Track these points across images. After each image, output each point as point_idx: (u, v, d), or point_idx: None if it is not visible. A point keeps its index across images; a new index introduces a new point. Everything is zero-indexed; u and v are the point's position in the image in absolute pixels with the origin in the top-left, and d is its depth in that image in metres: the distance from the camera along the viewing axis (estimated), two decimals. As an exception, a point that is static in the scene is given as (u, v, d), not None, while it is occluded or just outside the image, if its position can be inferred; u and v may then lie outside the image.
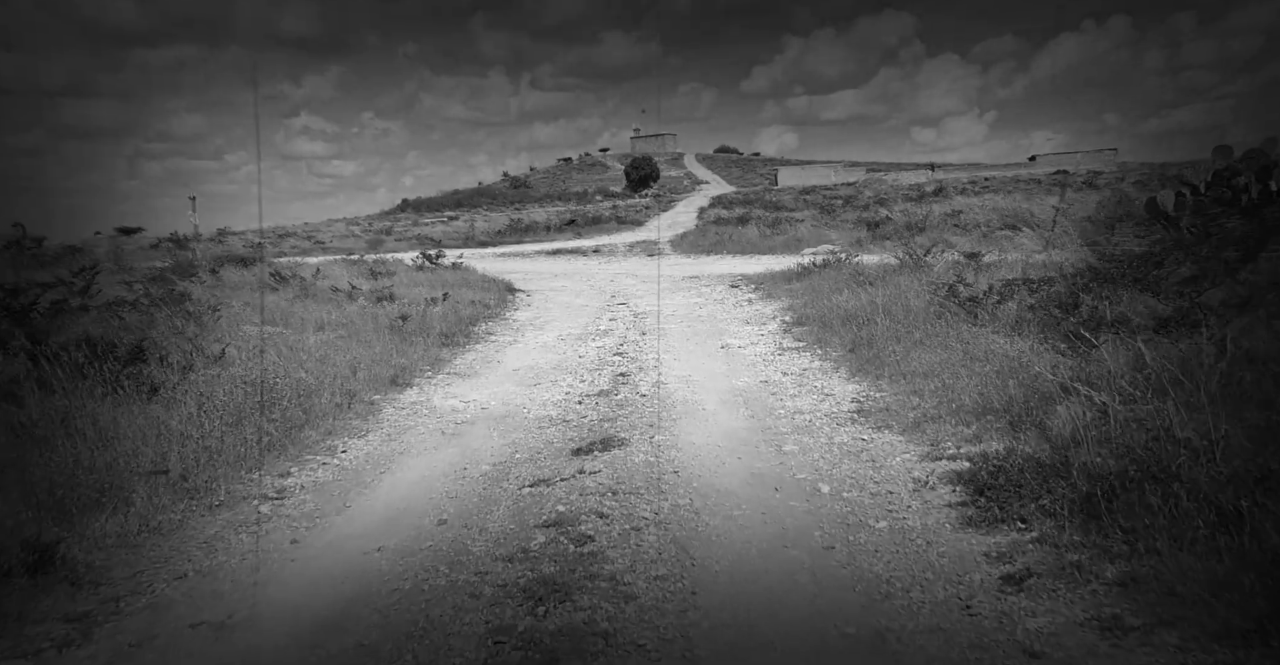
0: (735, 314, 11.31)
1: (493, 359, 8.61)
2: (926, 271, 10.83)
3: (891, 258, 14.47)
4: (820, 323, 9.22)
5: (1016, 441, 4.07)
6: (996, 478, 3.56)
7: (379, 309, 11.68)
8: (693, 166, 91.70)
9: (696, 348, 8.83)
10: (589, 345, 9.29)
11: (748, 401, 6.25)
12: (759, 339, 9.16)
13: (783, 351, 8.27)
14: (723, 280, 15.92)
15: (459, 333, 10.03)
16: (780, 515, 3.87)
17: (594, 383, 7.24)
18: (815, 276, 13.57)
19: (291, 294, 13.79)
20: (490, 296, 13.76)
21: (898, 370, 6.49)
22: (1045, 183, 49.72)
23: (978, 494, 3.57)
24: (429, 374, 7.78)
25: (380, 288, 13.53)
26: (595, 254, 24.83)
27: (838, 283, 11.68)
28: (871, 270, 12.13)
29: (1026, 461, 3.60)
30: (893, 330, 7.59)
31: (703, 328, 10.18)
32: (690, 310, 11.89)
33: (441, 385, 7.32)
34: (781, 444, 5.05)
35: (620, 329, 10.40)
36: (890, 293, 9.15)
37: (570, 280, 17.44)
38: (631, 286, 15.63)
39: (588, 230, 34.09)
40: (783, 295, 12.69)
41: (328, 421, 5.81)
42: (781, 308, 11.48)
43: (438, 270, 17.61)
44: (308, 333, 9.74)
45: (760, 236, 23.59)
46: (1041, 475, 3.40)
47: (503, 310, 12.56)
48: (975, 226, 18.72)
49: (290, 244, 30.48)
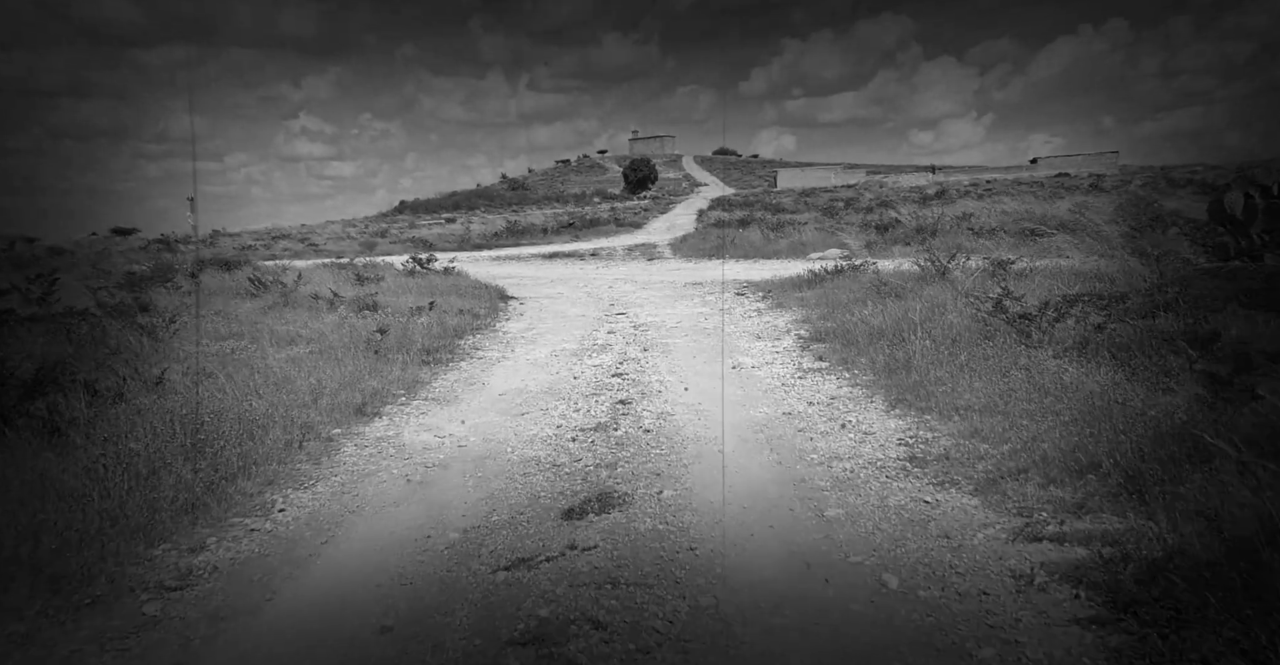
0: (744, 326, 10.28)
1: (477, 380, 7.57)
2: (954, 280, 9.82)
3: (910, 264, 13.45)
4: (843, 339, 8.19)
5: (1147, 520, 3.05)
6: (1147, 588, 2.53)
7: (359, 320, 10.65)
8: (691, 168, 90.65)
9: (705, 367, 7.80)
10: (585, 363, 8.26)
11: (771, 441, 5.22)
12: (774, 357, 8.13)
13: (804, 373, 7.24)
14: (727, 287, 14.90)
15: (443, 348, 8.99)
16: (838, 628, 2.84)
17: (590, 412, 6.20)
18: (828, 284, 12.55)
19: (269, 301, 12.76)
20: (481, 305, 12.71)
21: (948, 402, 5.46)
22: (1048, 185, 48.80)
23: (1119, 610, 2.54)
24: (403, 400, 6.73)
25: (364, 295, 12.49)
26: (593, 258, 23.81)
27: (857, 293, 10.65)
28: (893, 279, 11.11)
29: (1183, 561, 2.58)
30: (933, 352, 6.56)
31: (710, 343, 9.15)
32: (695, 322, 10.87)
33: (416, 414, 6.28)
34: (822, 506, 4.02)
35: (619, 343, 9.37)
36: (922, 306, 8.12)
37: (567, 286, 16.41)
38: (631, 294, 14.60)
39: (585, 233, 33.08)
40: (794, 305, 11.67)
41: (270, 467, 4.76)
42: (795, 320, 10.45)
43: (428, 275, 16.59)
44: (276, 348, 8.70)
45: (763, 240, 22.58)
46: (1219, 588, 2.37)
47: (493, 321, 11.52)
48: (992, 231, 17.71)
49: (282, 246, 29.41)
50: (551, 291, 15.51)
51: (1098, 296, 6.65)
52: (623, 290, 15.26)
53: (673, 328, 10.43)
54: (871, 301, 9.27)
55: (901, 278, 11.57)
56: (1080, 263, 10.84)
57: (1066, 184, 43.71)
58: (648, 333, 10.08)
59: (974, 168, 66.40)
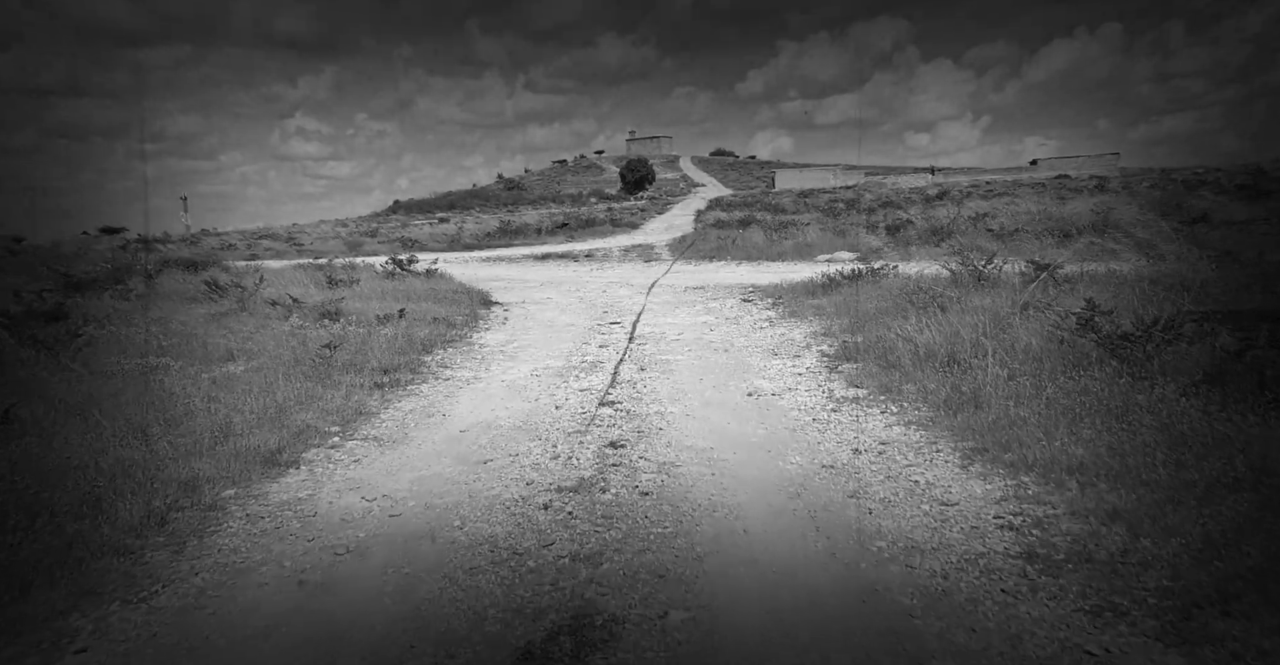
0: (756, 339, 8.81)
1: (437, 410, 6.09)
2: (1007, 288, 8.35)
3: (936, 268, 11.99)
4: (879, 359, 6.72)
5: None
6: None
7: (316, 330, 9.16)
8: (688, 169, 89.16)
9: (715, 394, 6.34)
10: (571, 386, 6.79)
11: (814, 514, 3.75)
12: (796, 381, 6.66)
13: (838, 404, 5.77)
14: (732, 292, 13.43)
15: (404, 366, 7.51)
16: None
17: (572, 460, 4.73)
18: (845, 290, 11.09)
19: (223, 308, 11.26)
20: (459, 312, 11.23)
21: (1049, 458, 4.00)
22: (1050, 186, 47.48)
23: None
24: (336, 439, 5.24)
25: (329, 301, 11.00)
26: (587, 259, 22.33)
27: (885, 302, 9.17)
28: (925, 285, 9.65)
29: None
30: (1008, 383, 5.10)
31: (718, 360, 7.69)
32: (698, 333, 9.40)
33: (346, 463, 4.79)
34: (921, 651, 2.56)
35: (612, 360, 7.90)
36: (977, 321, 6.66)
37: (557, 290, 14.93)
38: (627, 299, 13.13)
39: (581, 233, 31.61)
40: (810, 314, 10.20)
41: (102, 562, 3.28)
42: (814, 332, 8.99)
43: (407, 278, 15.10)
44: (206, 367, 7.22)
45: (767, 241, 21.11)
46: None
47: (470, 331, 10.03)
48: (1014, 232, 16.26)
49: (265, 245, 27.87)
50: (540, 296, 14.03)
51: (1213, 312, 5.18)
52: (618, 295, 13.79)
53: (674, 340, 8.97)
54: (910, 313, 7.79)
55: (933, 284, 10.12)
56: (1141, 266, 9.41)
57: (1069, 185, 42.34)
58: (645, 347, 8.61)
59: (973, 169, 64.98)
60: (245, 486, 4.24)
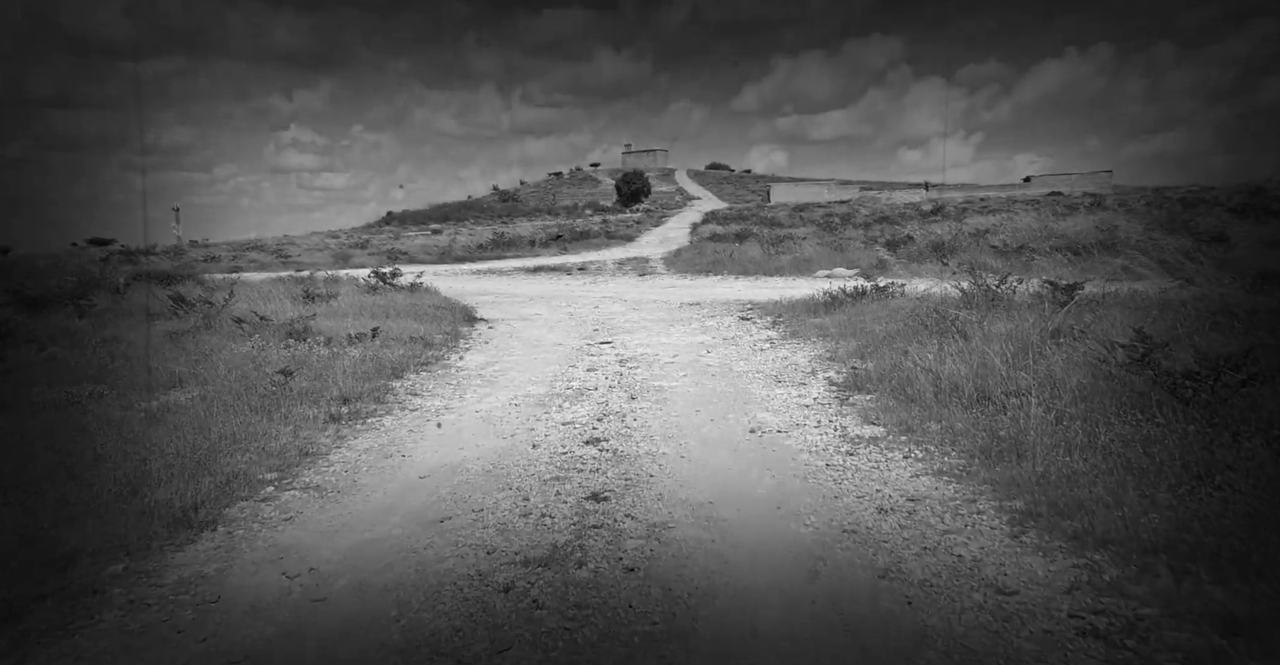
0: (757, 363, 8.05)
1: (398, 449, 5.30)
2: (1013, 309, 7.60)
3: (943, 286, 11.26)
4: (896, 392, 5.95)
5: None
6: None
7: (280, 351, 8.39)
8: (684, 182, 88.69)
9: (714, 430, 5.57)
10: (552, 419, 6.01)
11: (841, 605, 2.97)
12: (804, 414, 5.90)
13: (853, 446, 5.01)
14: (729, 309, 12.69)
15: (368, 395, 6.71)
16: None
17: (546, 518, 3.95)
18: (849, 309, 10.36)
19: (188, 324, 10.46)
20: (439, 330, 10.45)
21: (1120, 527, 3.23)
22: (1044, 203, 46.99)
23: None
24: (271, 489, 4.45)
25: (299, 318, 10.22)
26: (580, 273, 21.60)
27: (894, 323, 8.42)
28: (937, 305, 8.90)
29: None
30: (1054, 427, 4.35)
31: (716, 388, 6.92)
32: (694, 355, 8.64)
33: (275, 521, 4.00)
34: None
35: (601, 386, 7.13)
36: (1004, 349, 5.90)
37: (547, 305, 14.17)
38: (619, 315, 12.37)
39: (575, 246, 30.91)
40: (813, 335, 9.45)
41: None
42: (819, 356, 8.23)
43: (389, 292, 14.32)
44: (145, 396, 6.43)
45: (764, 256, 20.42)
46: None
47: (449, 352, 9.25)
48: (1018, 249, 15.57)
49: (251, 257, 27.06)
50: (528, 312, 13.26)
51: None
52: (610, 311, 13.04)
53: (668, 363, 8.20)
54: (925, 338, 7.04)
55: (943, 304, 9.38)
56: (1167, 288, 8.68)
57: (1065, 202, 41.82)
58: (637, 371, 7.84)
59: (967, 185, 64.55)
60: (140, 559, 3.44)
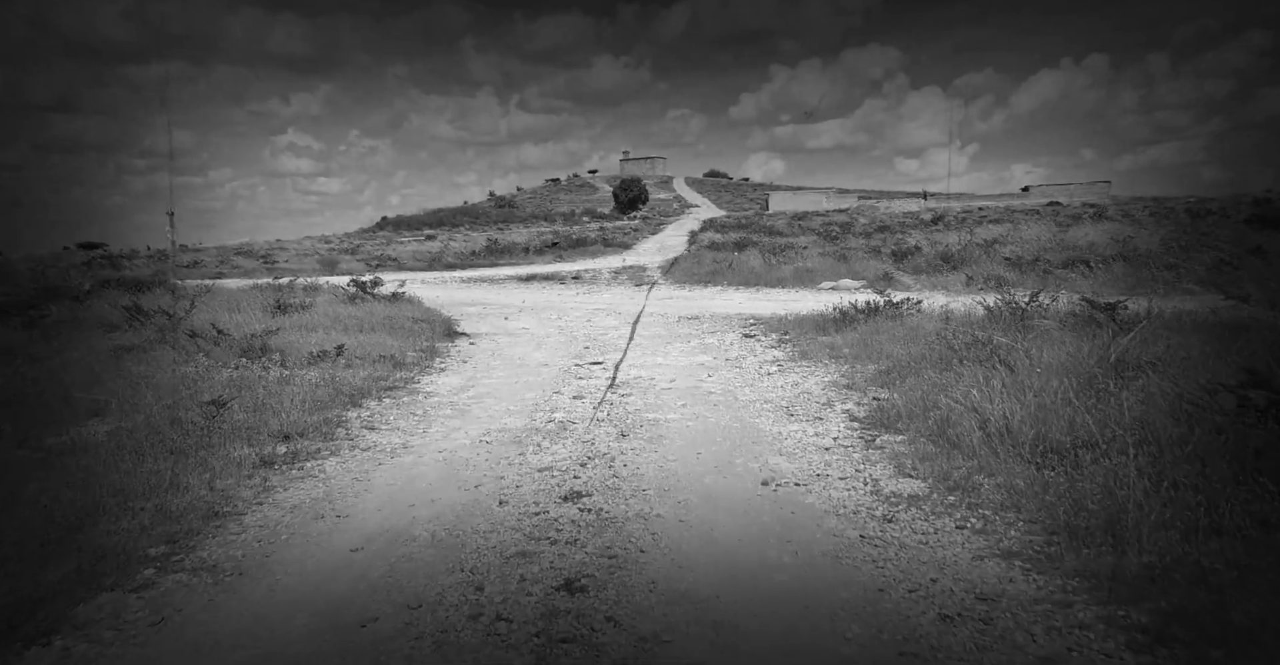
0: (764, 390, 7.08)
1: (333, 507, 4.32)
2: (1046, 331, 6.65)
3: (964, 301, 10.32)
4: (932, 434, 4.99)
5: None
6: None
7: (230, 372, 7.41)
8: (682, 190, 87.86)
9: (718, 480, 4.60)
10: (527, 463, 5.04)
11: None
12: (825, 459, 4.93)
13: (890, 506, 4.04)
14: (730, 324, 11.74)
15: (316, 428, 5.72)
16: None
17: (499, 625, 2.96)
18: (863, 327, 9.39)
19: (142, 337, 9.48)
20: (414, 346, 9.47)
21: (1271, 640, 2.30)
22: (1044, 213, 46.23)
23: None
24: (151, 572, 3.45)
25: (261, 332, 9.23)
26: (575, 282, 20.64)
27: (919, 346, 7.45)
28: (962, 323, 7.94)
29: None
30: (1162, 502, 3.38)
31: (720, 422, 5.95)
32: (694, 379, 7.68)
33: (133, 632, 2.99)
34: None
35: (587, 418, 6.15)
36: (1063, 387, 4.92)
37: (537, 318, 13.20)
38: (613, 330, 11.40)
39: (570, 253, 29.96)
40: (824, 356, 8.49)
41: None
42: (833, 382, 7.27)
43: (369, 302, 13.35)
44: (53, 429, 5.44)
45: (765, 266, 19.47)
46: None
47: (421, 373, 8.26)
48: (1033, 261, 14.65)
49: (236, 263, 26.06)
50: (516, 325, 12.29)
51: None
52: (603, 325, 12.07)
53: (665, 389, 7.24)
54: (959, 366, 6.06)
55: (969, 324, 8.44)
56: (1221, 306, 7.75)
57: (1067, 212, 41.01)
58: (629, 398, 6.87)
59: (965, 194, 63.70)
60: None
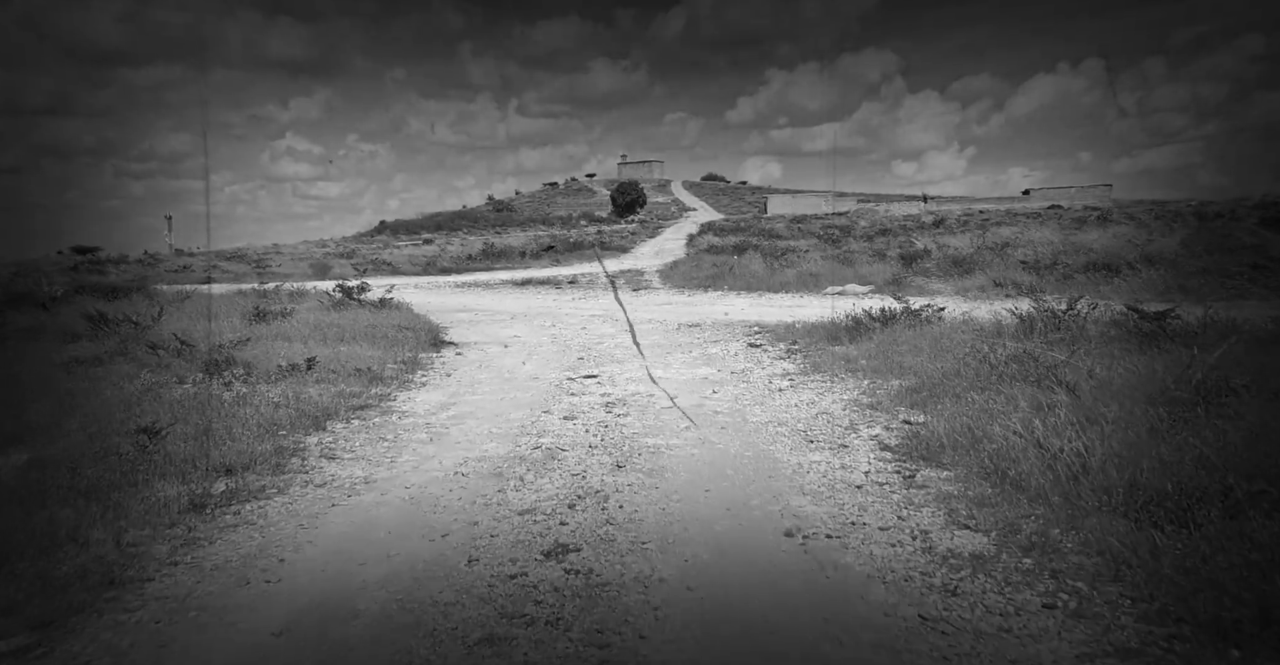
0: (777, 409, 6.28)
1: (262, 570, 3.51)
2: (1086, 339, 5.86)
3: (989, 308, 9.54)
4: (986, 472, 4.19)
5: None
6: None
7: (183, 388, 6.62)
8: (680, 193, 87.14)
9: (731, 528, 3.81)
10: (507, 504, 4.24)
11: None
12: (859, 502, 4.14)
13: (951, 571, 3.24)
14: (734, 332, 10.95)
15: (266, 459, 4.92)
16: None
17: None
18: (879, 336, 8.60)
19: (100, 349, 8.69)
20: (395, 358, 8.67)
21: None
22: (1045, 216, 45.48)
23: None
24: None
25: (230, 343, 8.44)
26: (571, 286, 19.86)
27: (949, 360, 6.65)
28: (984, 331, 7.14)
29: None
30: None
31: (730, 450, 5.16)
32: (698, 395, 6.88)
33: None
34: None
35: (579, 444, 5.36)
36: (1149, 416, 4.14)
37: (530, 325, 12.41)
38: (609, 339, 10.61)
39: (567, 257, 29.19)
40: (839, 369, 7.70)
41: None
42: (854, 400, 6.47)
43: (354, 308, 12.56)
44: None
45: (766, 270, 18.69)
46: None
47: (399, 388, 7.46)
48: (1050, 265, 13.87)
49: (226, 268, 25.26)
50: (507, 333, 11.49)
51: None
52: (599, 333, 11.28)
53: (665, 408, 6.44)
54: (995, 382, 5.26)
55: (997, 333, 7.65)
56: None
57: (1073, 216, 40.25)
58: (626, 419, 6.08)
59: (963, 198, 62.93)
60: None
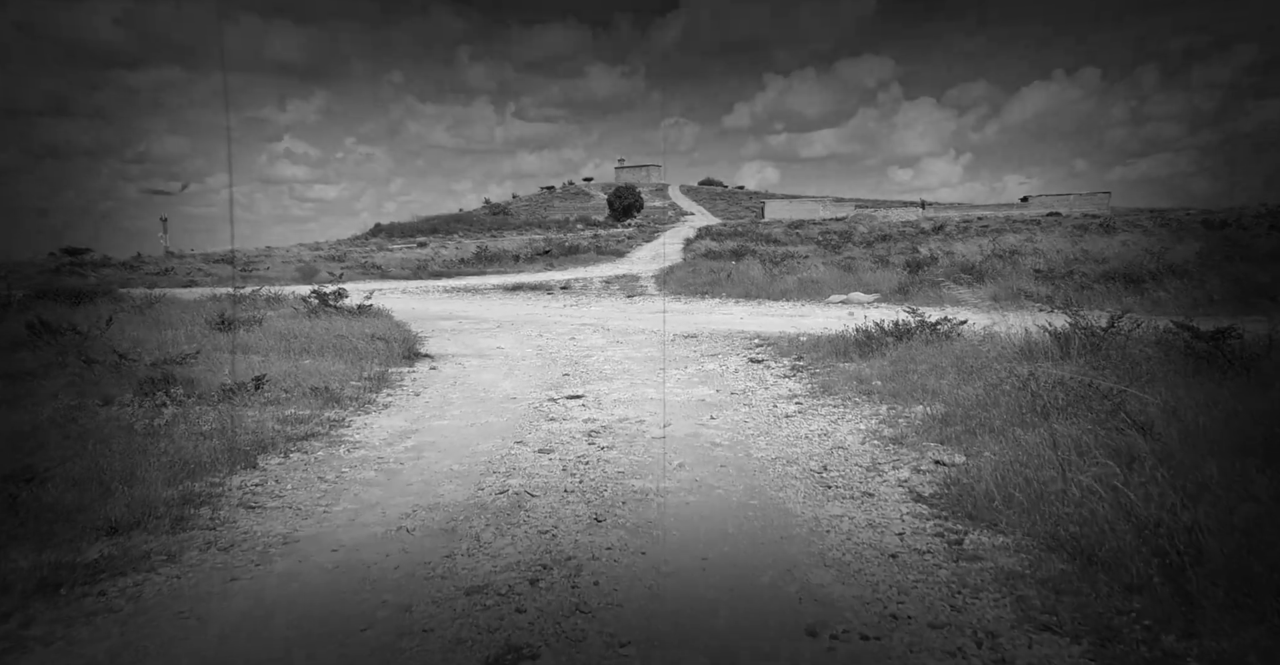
0: (785, 441, 5.38)
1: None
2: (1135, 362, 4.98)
3: (1015, 322, 8.66)
4: (1060, 543, 3.30)
5: None
6: None
7: (110, 411, 5.72)
8: (677, 198, 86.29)
9: (736, 618, 2.90)
10: (454, 577, 3.33)
11: None
12: (899, 582, 3.23)
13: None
14: (733, 344, 10.06)
15: (169, 510, 3.98)
16: None
17: None
18: (893, 353, 7.72)
19: (40, 360, 7.81)
20: (358, 374, 7.76)
21: None
22: (1045, 224, 44.70)
23: None
24: None
25: (175, 357, 7.54)
26: (563, 292, 18.97)
27: (978, 385, 5.75)
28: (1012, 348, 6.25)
29: None
30: None
31: (731, 497, 4.25)
32: (694, 422, 5.98)
33: None
34: None
35: (555, 487, 4.45)
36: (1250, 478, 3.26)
37: (515, 335, 11.51)
38: (598, 352, 9.71)
39: (562, 261, 28.31)
40: (852, 391, 6.80)
41: None
42: (872, 430, 5.57)
43: (327, 316, 11.65)
44: None
45: (766, 277, 17.82)
46: None
47: (358, 410, 6.54)
48: (1066, 275, 13.01)
49: (210, 271, 24.32)
50: (490, 344, 10.59)
51: None
52: (588, 345, 10.39)
53: (656, 438, 5.55)
54: (1038, 418, 4.36)
55: (1029, 351, 6.76)
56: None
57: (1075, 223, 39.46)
58: (611, 452, 5.18)
59: (962, 204, 62.11)
60: None
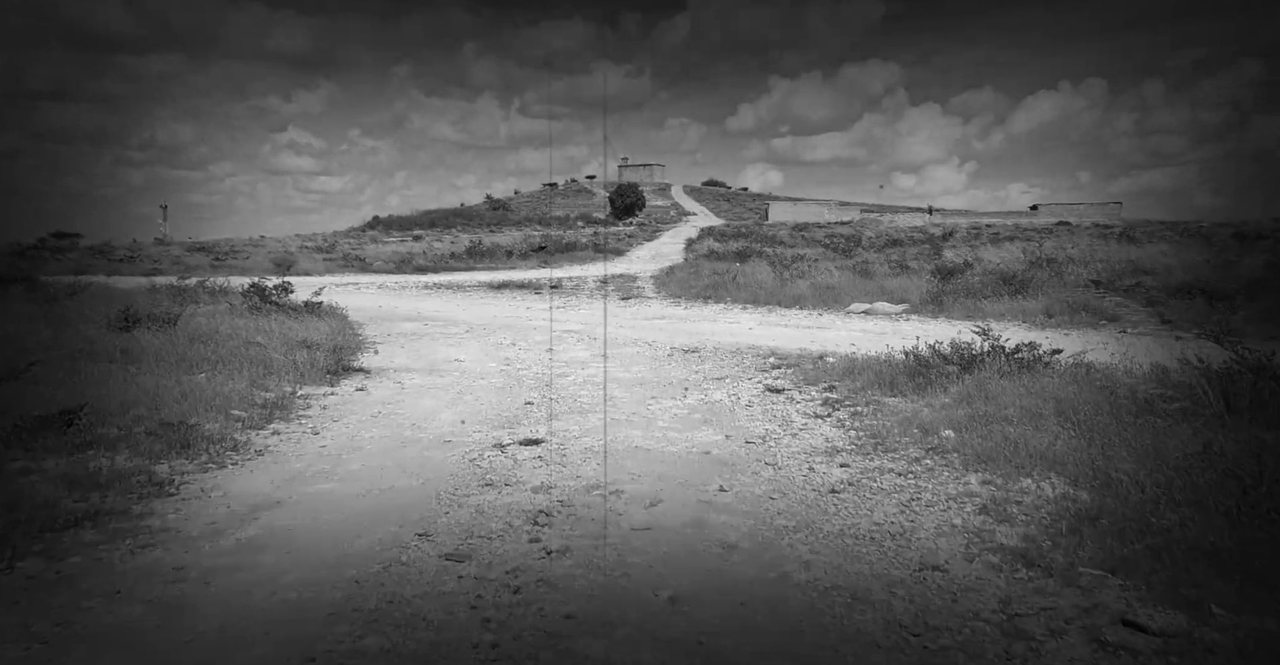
0: (841, 547, 3.33)
1: None
2: None
3: (1090, 338, 6.60)
4: None
5: None
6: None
7: None
8: (680, 198, 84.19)
9: None
10: None
11: None
12: None
13: None
14: (743, 364, 8.03)
15: None
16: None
17: None
18: (959, 386, 5.69)
19: None
20: (260, 395, 5.70)
21: None
22: (1057, 232, 42.54)
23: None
24: None
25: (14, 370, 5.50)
26: (553, 292, 16.91)
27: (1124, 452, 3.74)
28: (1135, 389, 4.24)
29: None
30: None
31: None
32: (695, 494, 3.93)
33: None
34: None
35: (446, 655, 2.45)
36: None
37: (485, 343, 9.49)
38: (578, 369, 7.68)
39: (558, 258, 26.24)
40: (911, 444, 4.75)
41: None
42: (971, 529, 3.52)
43: (266, 314, 9.66)
44: None
45: (776, 280, 15.74)
46: None
47: (206, 464, 4.49)
48: (1130, 287, 10.95)
49: (182, 259, 22.29)
50: (448, 355, 8.56)
51: None
52: (568, 358, 8.36)
53: (639, 528, 3.51)
54: None
55: (1162, 395, 4.74)
56: None
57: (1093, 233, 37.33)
58: (564, 563, 3.14)
59: (969, 211, 59.97)
60: None
